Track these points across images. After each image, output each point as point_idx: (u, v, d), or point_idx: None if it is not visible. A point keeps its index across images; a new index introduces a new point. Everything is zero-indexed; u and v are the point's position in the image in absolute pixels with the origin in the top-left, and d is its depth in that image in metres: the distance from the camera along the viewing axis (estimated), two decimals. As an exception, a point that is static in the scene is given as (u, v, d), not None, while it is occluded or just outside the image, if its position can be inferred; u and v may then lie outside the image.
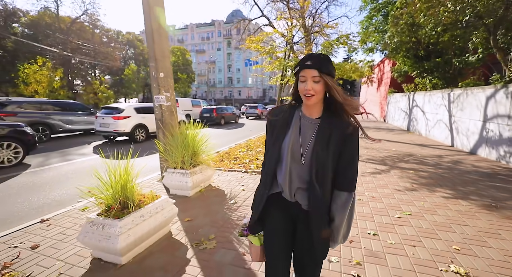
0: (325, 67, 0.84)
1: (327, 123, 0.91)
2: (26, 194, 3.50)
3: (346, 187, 0.92)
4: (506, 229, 2.24)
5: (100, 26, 30.41)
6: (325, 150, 0.89)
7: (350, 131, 0.89)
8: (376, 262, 1.82)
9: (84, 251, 2.04)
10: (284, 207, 1.01)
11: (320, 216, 0.92)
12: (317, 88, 0.85)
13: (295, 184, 0.95)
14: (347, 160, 0.91)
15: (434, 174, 3.98)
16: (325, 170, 0.90)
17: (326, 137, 0.89)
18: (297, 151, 0.93)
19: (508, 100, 4.35)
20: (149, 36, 3.50)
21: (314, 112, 0.94)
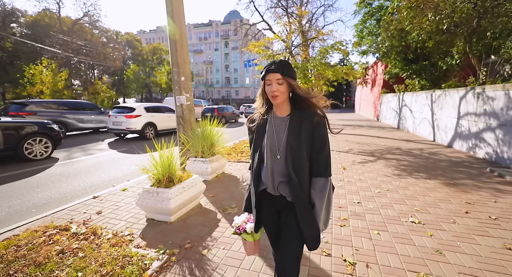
0: (287, 70, 0.97)
1: (296, 118, 1.01)
2: (66, 180, 4.11)
3: (321, 173, 1.00)
4: (455, 197, 2.95)
5: (99, 26, 30.75)
6: (298, 141, 0.98)
7: (317, 121, 0.99)
8: (358, 218, 2.51)
9: (138, 216, 2.68)
10: (271, 202, 1.12)
11: (303, 204, 0.99)
12: (281, 89, 0.96)
13: (277, 179, 1.03)
14: (319, 147, 1.00)
15: (413, 163, 4.70)
16: (301, 160, 0.98)
17: (297, 130, 0.99)
18: (274, 147, 1.03)
19: (475, 100, 5.10)
20: (173, 46, 4.14)
21: (283, 111, 1.05)
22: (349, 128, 11.65)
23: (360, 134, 9.14)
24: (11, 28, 28.35)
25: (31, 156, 5.27)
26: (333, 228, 2.31)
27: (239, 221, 1.22)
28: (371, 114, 18.90)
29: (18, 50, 25.90)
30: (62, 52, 20.95)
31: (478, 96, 5.01)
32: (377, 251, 1.94)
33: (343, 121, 16.32)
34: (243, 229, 1.19)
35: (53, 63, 16.89)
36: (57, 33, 22.25)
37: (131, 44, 35.71)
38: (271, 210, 1.14)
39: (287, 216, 1.07)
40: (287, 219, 1.06)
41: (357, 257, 1.86)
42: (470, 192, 3.13)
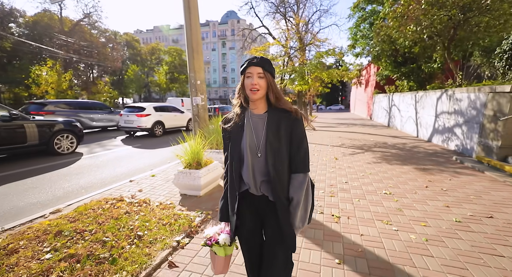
0: (268, 66, 0.96)
1: (274, 115, 1.00)
2: (98, 170, 4.78)
3: (300, 169, 0.99)
4: (421, 177, 3.74)
5: (98, 27, 31.05)
6: (277, 138, 0.97)
7: (295, 117, 0.99)
8: (344, 192, 3.26)
9: (172, 192, 3.39)
10: (253, 202, 1.08)
11: (283, 201, 0.98)
12: (261, 83, 0.95)
13: (258, 178, 1.01)
14: (297, 143, 0.99)
15: (394, 154, 5.50)
16: (281, 158, 0.97)
17: (276, 127, 0.98)
18: (253, 146, 1.01)
19: (448, 100, 5.92)
20: (190, 54, 4.84)
21: (260, 109, 1.03)
22: (343, 126, 12.48)
23: (353, 132, 9.95)
24: (9, 28, 28.51)
25: (60, 150, 5.90)
26: (325, 198, 3.07)
27: (211, 232, 1.12)
28: (365, 113, 19.79)
29: (17, 50, 26.12)
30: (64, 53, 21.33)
31: (450, 98, 5.84)
32: (356, 210, 2.70)
33: (338, 120, 17.16)
34: (214, 240, 1.08)
35: (57, 64, 17.30)
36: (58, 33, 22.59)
37: (130, 44, 36.04)
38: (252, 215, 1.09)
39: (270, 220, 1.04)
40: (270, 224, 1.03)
41: (342, 214, 2.62)
42: (434, 174, 3.92)
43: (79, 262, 1.82)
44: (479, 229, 2.23)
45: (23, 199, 3.28)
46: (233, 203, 1.07)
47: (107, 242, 2.08)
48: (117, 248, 2.00)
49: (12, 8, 28.90)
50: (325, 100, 50.66)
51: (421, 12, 6.58)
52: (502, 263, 1.76)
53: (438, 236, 2.12)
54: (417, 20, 6.78)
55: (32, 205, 3.11)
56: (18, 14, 29.44)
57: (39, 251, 1.96)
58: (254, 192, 1.05)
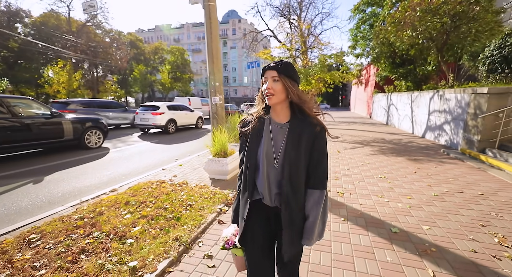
0: (284, 69, 0.92)
1: (296, 126, 0.96)
2: (128, 162, 5.43)
3: (317, 185, 0.97)
4: (412, 165, 4.40)
5: (103, 27, 31.60)
6: (297, 150, 0.93)
7: (318, 131, 0.95)
8: (346, 177, 3.92)
9: (202, 177, 4.05)
10: (265, 213, 1.06)
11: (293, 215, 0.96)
12: (276, 87, 0.91)
13: (274, 189, 0.99)
14: (317, 159, 0.96)
15: (390, 148, 6.15)
16: (298, 170, 0.94)
17: (296, 139, 0.94)
18: (271, 155, 0.98)
19: (439, 100, 6.57)
20: (210, 60, 5.48)
21: (282, 117, 0.99)
22: (344, 124, 13.13)
23: (353, 129, 10.61)
24: (16, 28, 29.06)
25: (89, 145, 6.56)
26: (331, 181, 3.73)
27: (227, 233, 1.15)
28: (365, 112, 20.43)
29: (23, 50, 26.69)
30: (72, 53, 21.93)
31: (441, 98, 6.48)
32: (357, 189, 3.36)
33: (339, 118, 17.80)
34: (232, 243, 1.11)
35: (67, 64, 17.91)
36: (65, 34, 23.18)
37: (134, 44, 36.55)
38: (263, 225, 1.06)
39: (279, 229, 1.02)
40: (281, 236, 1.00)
41: (345, 191, 3.28)
42: (423, 163, 4.59)
43: (153, 219, 2.48)
44: (450, 199, 2.90)
45: (78, 182, 3.95)
46: (244, 210, 1.04)
47: (168, 208, 2.75)
48: (176, 212, 2.66)
49: (18, 9, 29.49)
50: (325, 99, 51.25)
51: (416, 19, 7.22)
52: (461, 218, 2.42)
53: (418, 205, 2.79)
54: (413, 26, 7.41)
55: (87, 187, 3.77)
56: (24, 15, 30.04)
57: (119, 213, 2.62)
58: (268, 203, 1.02)
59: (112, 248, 2.00)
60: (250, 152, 1.02)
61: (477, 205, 2.74)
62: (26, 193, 3.46)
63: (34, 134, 5.32)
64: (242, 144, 1.10)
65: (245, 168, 1.04)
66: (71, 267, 1.77)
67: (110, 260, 1.84)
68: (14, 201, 3.19)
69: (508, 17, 9.45)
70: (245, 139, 1.06)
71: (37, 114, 5.49)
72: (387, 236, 2.16)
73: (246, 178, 1.03)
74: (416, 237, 2.13)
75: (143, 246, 2.03)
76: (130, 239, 2.13)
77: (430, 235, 2.16)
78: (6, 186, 3.71)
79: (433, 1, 6.69)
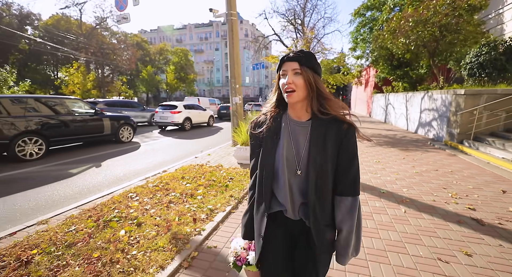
0: (307, 60, 0.78)
1: (319, 124, 0.81)
2: (161, 152, 6.38)
3: (349, 191, 0.82)
4: (402, 154, 5.33)
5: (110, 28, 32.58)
6: (322, 153, 0.80)
7: (347, 129, 0.81)
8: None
9: (231, 163, 4.99)
10: (286, 227, 0.91)
11: (322, 229, 0.84)
12: (297, 81, 0.78)
13: (298, 200, 0.86)
14: (346, 160, 0.81)
15: (386, 141, 7.09)
16: (325, 176, 0.81)
17: (321, 140, 0.80)
18: (292, 161, 0.84)
19: (428, 100, 7.50)
20: (231, 64, 6.42)
21: (302, 114, 0.85)
22: (345, 122, 14.06)
23: (353, 127, 11.54)
24: (26, 30, 30.05)
25: (123, 139, 7.51)
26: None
27: (237, 246, 1.01)
28: (365, 111, 21.36)
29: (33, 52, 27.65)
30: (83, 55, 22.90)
31: (430, 98, 7.42)
32: (356, 169, 4.30)
33: (340, 117, 18.73)
34: (244, 261, 0.97)
35: (81, 66, 18.87)
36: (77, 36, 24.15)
37: (140, 45, 37.52)
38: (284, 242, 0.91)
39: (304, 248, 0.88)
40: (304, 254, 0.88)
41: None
42: (411, 151, 5.53)
43: (208, 187, 3.42)
44: (427, 175, 3.84)
45: (130, 167, 4.89)
46: (261, 226, 0.89)
47: (215, 180, 3.69)
48: (223, 182, 3.60)
49: (29, 12, 30.48)
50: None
51: (409, 28, 8.14)
52: (431, 185, 3.37)
53: (402, 178, 3.73)
54: (406, 34, 8.33)
55: (139, 170, 4.71)
56: (34, 18, 31.04)
57: (181, 184, 3.56)
58: (291, 216, 0.88)
59: (188, 201, 2.95)
60: (265, 157, 0.87)
61: (445, 177, 3.68)
62: (95, 173, 4.41)
63: (83, 129, 6.27)
64: (253, 148, 0.95)
65: (259, 177, 0.90)
66: (168, 209, 2.71)
67: (192, 205, 2.79)
68: (91, 178, 4.15)
69: (496, 23, 10.38)
70: (258, 142, 0.91)
71: (85, 112, 6.44)
72: (377, 194, 3.10)
73: (262, 188, 0.89)
74: (397, 194, 3.07)
75: (209, 200, 2.98)
76: (199, 196, 3.07)
77: (407, 193, 3.10)
78: (77, 168, 4.67)
79: (423, 13, 7.62)
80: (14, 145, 4.81)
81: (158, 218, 2.50)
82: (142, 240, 2.08)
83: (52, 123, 5.54)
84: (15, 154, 4.85)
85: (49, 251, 1.90)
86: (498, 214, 2.49)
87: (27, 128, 5.05)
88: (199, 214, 2.58)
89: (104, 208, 2.72)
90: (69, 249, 1.93)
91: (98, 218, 2.45)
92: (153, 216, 2.53)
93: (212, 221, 2.45)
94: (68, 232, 2.19)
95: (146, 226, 2.31)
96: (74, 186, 3.75)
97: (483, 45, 5.96)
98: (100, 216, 2.49)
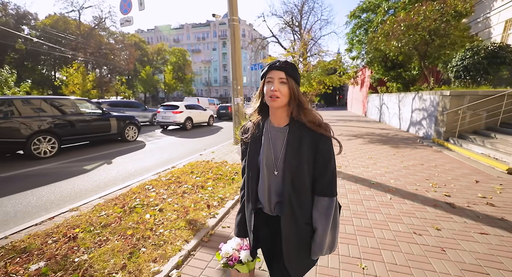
0: (292, 71, 0.86)
1: (296, 128, 0.89)
2: (166, 150, 6.70)
3: (325, 192, 0.89)
4: (393, 150, 5.75)
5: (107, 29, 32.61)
6: (297, 156, 0.87)
7: (322, 132, 0.87)
8: (343, 158, 5.25)
9: (235, 159, 5.34)
10: (267, 222, 1.01)
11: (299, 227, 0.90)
12: (283, 90, 0.85)
13: (274, 198, 0.94)
14: (322, 162, 0.88)
15: (379, 139, 7.52)
16: (301, 177, 0.88)
17: (297, 143, 0.88)
18: (270, 162, 0.93)
19: (419, 100, 7.96)
20: (233, 66, 6.77)
21: (281, 120, 0.93)
22: (341, 122, 14.51)
23: (349, 126, 11.99)
24: (22, 30, 29.94)
25: (128, 138, 7.81)
26: (331, 160, 5.07)
27: (229, 249, 1.03)
28: (360, 111, 21.87)
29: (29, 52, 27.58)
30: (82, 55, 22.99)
31: (420, 98, 7.87)
32: (350, 164, 4.69)
33: (337, 117, 19.19)
34: (236, 260, 1.01)
35: (81, 66, 19.02)
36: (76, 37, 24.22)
37: (138, 45, 37.57)
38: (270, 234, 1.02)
39: None
40: None
41: (341, 165, 4.61)
42: (401, 148, 5.96)
43: (216, 180, 3.78)
44: (413, 168, 4.25)
45: (140, 164, 5.21)
46: (250, 222, 1.01)
47: (222, 174, 4.04)
48: (229, 176, 3.96)
49: (25, 12, 30.36)
50: (323, 99, 52.78)
51: (401, 32, 8.59)
52: (416, 177, 3.78)
53: (391, 171, 4.13)
54: (398, 37, 8.78)
55: (149, 166, 5.04)
56: (31, 17, 30.92)
57: (191, 177, 3.91)
58: (268, 212, 0.98)
59: (200, 191, 3.31)
60: (250, 160, 0.97)
61: (429, 170, 4.10)
62: (108, 169, 4.73)
63: (92, 129, 6.57)
64: (243, 152, 1.04)
65: (246, 178, 1.00)
66: (183, 198, 3.07)
67: (204, 195, 3.15)
68: (106, 173, 4.47)
69: (484, 27, 10.91)
70: (246, 146, 1.01)
71: (94, 112, 6.74)
72: (368, 185, 3.50)
73: (249, 188, 0.99)
74: (385, 185, 3.48)
75: (218, 191, 3.34)
76: (209, 187, 3.43)
77: (394, 184, 3.51)
78: (90, 165, 4.98)
79: (414, 18, 8.06)
80: (30, 143, 5.10)
81: (176, 205, 2.85)
82: (165, 222, 2.43)
83: (64, 123, 5.84)
84: (31, 152, 5.15)
85: (89, 230, 2.24)
86: (468, 199, 2.90)
87: (41, 127, 5.34)
88: (211, 202, 2.95)
89: (126, 197, 3.06)
90: (105, 229, 2.28)
91: (123, 205, 2.80)
92: (171, 204, 2.88)
93: (224, 207, 2.82)
94: (100, 216, 2.54)
95: (167, 211, 2.67)
96: (91, 180, 4.08)
97: (467, 50, 6.42)
98: (125, 204, 2.84)
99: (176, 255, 1.91)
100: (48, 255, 1.85)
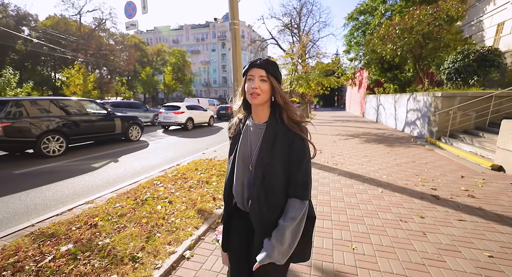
0: (272, 69, 0.87)
1: (273, 126, 0.89)
2: (169, 150, 6.93)
3: (297, 193, 0.86)
4: (387, 149, 6.01)
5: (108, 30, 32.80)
6: (270, 152, 0.86)
7: (297, 131, 0.88)
8: (340, 156, 5.51)
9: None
10: (242, 216, 0.99)
11: (265, 225, 0.88)
12: (263, 87, 0.86)
13: (246, 193, 0.93)
14: (296, 161, 0.87)
15: (375, 138, 7.79)
16: (275, 174, 0.86)
17: (272, 140, 0.87)
18: (246, 158, 0.93)
19: (413, 101, 8.24)
20: (235, 69, 7.02)
21: (261, 117, 0.93)
22: (339, 122, 14.79)
23: (347, 126, 12.26)
24: (22, 31, 30.08)
25: (131, 138, 8.03)
26: (329, 158, 5.31)
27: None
28: (359, 111, 22.19)
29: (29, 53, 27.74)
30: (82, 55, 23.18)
31: (414, 99, 8.15)
32: (347, 161, 4.94)
33: (335, 117, 19.48)
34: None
35: (82, 67, 19.21)
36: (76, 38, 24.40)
37: (138, 46, 37.78)
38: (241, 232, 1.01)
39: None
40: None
41: (338, 162, 4.86)
42: (395, 147, 6.22)
43: (220, 176, 4.02)
44: (405, 165, 4.51)
45: (145, 162, 5.44)
46: (225, 214, 1.05)
47: (225, 170, 4.28)
48: (231, 173, 4.20)
49: (26, 13, 30.51)
50: (322, 100, 53.14)
51: (396, 35, 8.88)
52: (407, 173, 4.04)
53: (384, 168, 4.39)
54: (394, 40, 9.07)
55: (154, 164, 5.27)
56: (31, 19, 31.07)
57: (196, 174, 4.15)
58: (242, 208, 0.97)
59: (205, 186, 3.55)
60: (229, 154, 0.99)
61: (419, 167, 4.36)
62: (115, 167, 4.96)
63: (97, 128, 6.79)
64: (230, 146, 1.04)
65: (227, 172, 1.01)
66: (190, 192, 3.31)
67: (209, 189, 3.39)
68: (113, 171, 4.70)
69: (477, 30, 11.24)
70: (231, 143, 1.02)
71: (99, 113, 6.96)
72: (362, 180, 3.75)
73: (227, 182, 1.00)
74: (378, 180, 3.73)
75: (222, 186, 3.57)
76: (213, 182, 3.67)
77: (386, 179, 3.76)
78: (97, 163, 5.20)
79: (409, 22, 8.36)
80: (40, 142, 5.32)
81: (184, 198, 3.09)
82: (176, 212, 2.67)
83: (71, 123, 6.06)
84: (41, 151, 5.36)
85: (107, 219, 2.48)
86: (452, 192, 3.16)
87: (50, 127, 5.56)
88: (216, 195, 3.19)
89: (136, 192, 3.29)
90: (121, 218, 2.51)
91: (135, 198, 3.03)
92: (179, 197, 3.12)
93: (228, 200, 3.05)
94: (116, 207, 2.77)
95: (176, 203, 2.90)
96: (100, 177, 4.30)
97: (458, 53, 6.71)
98: (136, 197, 3.07)
99: (188, 239, 2.15)
100: (74, 239, 2.08)
